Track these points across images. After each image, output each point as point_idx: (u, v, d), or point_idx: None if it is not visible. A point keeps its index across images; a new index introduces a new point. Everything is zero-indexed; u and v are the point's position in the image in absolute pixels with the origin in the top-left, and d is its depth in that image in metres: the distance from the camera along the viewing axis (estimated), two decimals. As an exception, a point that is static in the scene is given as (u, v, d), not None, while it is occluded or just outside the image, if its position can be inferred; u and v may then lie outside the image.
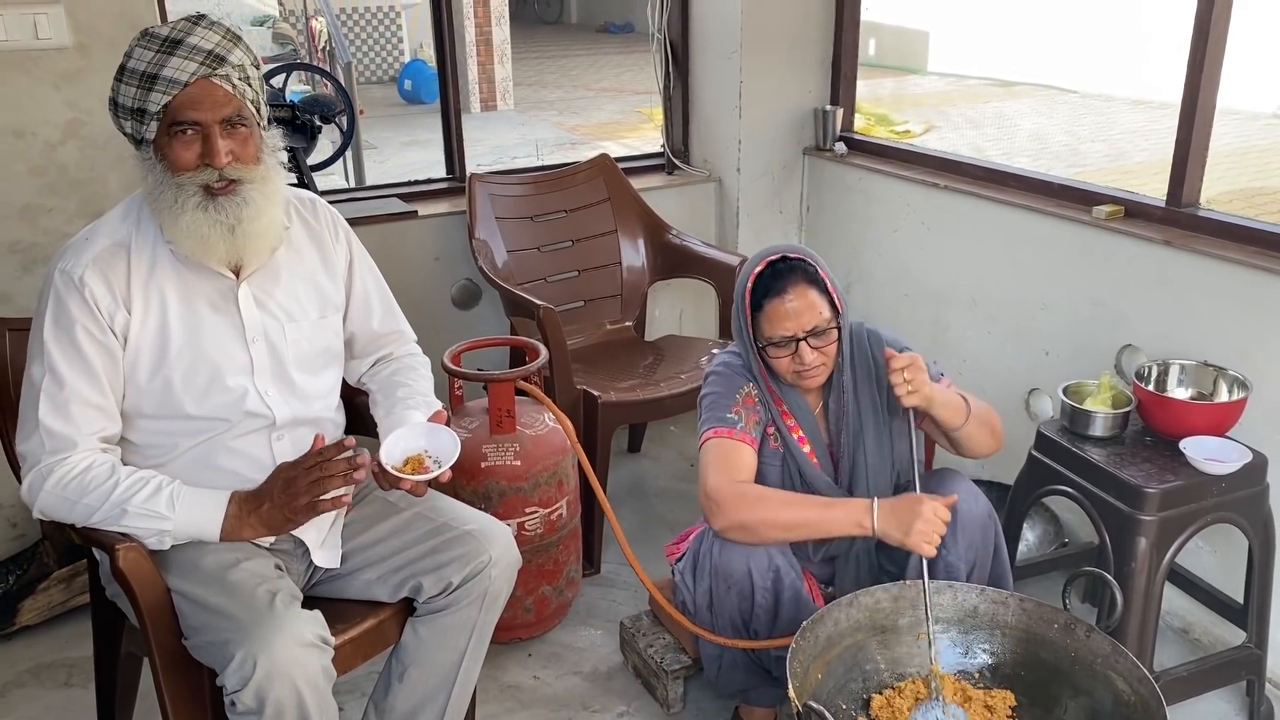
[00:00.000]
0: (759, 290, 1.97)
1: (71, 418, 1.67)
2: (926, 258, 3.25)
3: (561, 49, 16.83)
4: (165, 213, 1.67)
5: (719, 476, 1.94)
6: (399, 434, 1.81)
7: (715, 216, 3.73)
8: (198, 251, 1.69)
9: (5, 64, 2.47)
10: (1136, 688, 1.69)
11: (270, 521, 1.72)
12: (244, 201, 1.69)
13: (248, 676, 1.54)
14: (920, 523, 1.83)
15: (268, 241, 1.77)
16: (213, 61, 1.64)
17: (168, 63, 1.62)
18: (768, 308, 1.96)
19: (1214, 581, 2.48)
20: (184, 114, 1.64)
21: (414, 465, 1.77)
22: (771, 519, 1.91)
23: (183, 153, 1.66)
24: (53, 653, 2.56)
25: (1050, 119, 10.40)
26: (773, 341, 1.97)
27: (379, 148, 9.30)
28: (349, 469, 1.68)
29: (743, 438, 1.99)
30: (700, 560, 2.02)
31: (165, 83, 1.62)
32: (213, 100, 1.65)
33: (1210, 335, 2.43)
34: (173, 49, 1.62)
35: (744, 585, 1.95)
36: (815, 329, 1.95)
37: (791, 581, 1.96)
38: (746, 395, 2.03)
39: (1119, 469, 2.20)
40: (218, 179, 1.67)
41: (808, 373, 1.98)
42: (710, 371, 2.10)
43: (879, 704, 1.81)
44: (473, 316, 3.39)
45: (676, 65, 3.70)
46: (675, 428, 3.71)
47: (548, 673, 2.50)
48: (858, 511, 1.89)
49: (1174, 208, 2.56)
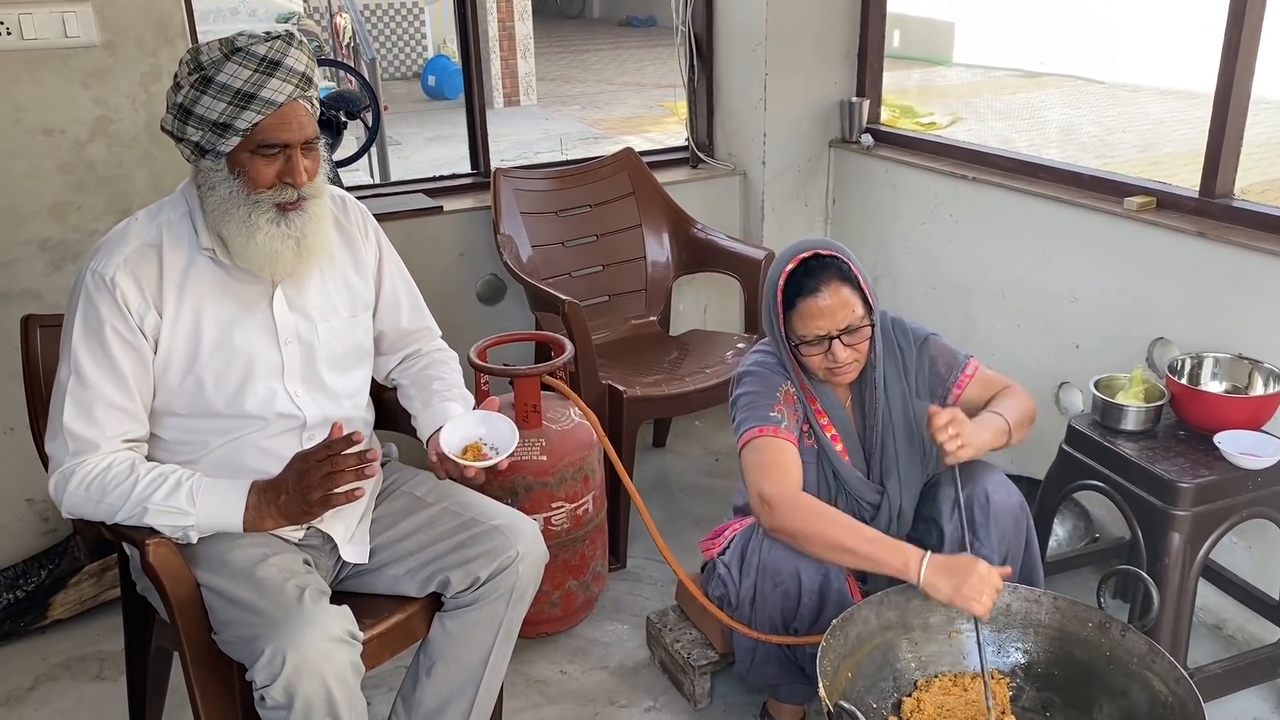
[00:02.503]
0: (791, 288, 1.95)
1: (96, 420, 1.68)
2: (955, 250, 3.22)
3: (584, 43, 16.83)
4: (234, 227, 1.68)
5: (775, 481, 1.91)
6: (456, 422, 1.82)
7: (740, 210, 3.71)
8: (266, 267, 1.70)
9: (34, 62, 2.49)
10: (1174, 688, 1.66)
11: (289, 512, 1.71)
12: (310, 217, 1.71)
13: (277, 671, 1.55)
14: (973, 581, 1.75)
15: (325, 253, 1.79)
16: (304, 84, 1.66)
17: (267, 84, 1.62)
18: (801, 306, 1.94)
19: (1248, 577, 2.45)
20: (274, 135, 1.64)
21: (473, 453, 1.78)
22: (820, 537, 1.86)
23: (265, 170, 1.66)
24: (84, 646, 2.58)
25: (1078, 110, 10.29)
26: (806, 340, 1.95)
27: (403, 143, 9.34)
28: (360, 463, 1.67)
29: (787, 436, 1.97)
30: (748, 556, 2.00)
31: (262, 103, 1.62)
32: (300, 123, 1.66)
33: (1245, 328, 2.39)
34: (272, 70, 1.62)
35: (791, 585, 1.93)
36: (849, 327, 1.93)
37: (840, 586, 1.94)
38: (786, 393, 2.02)
39: (1152, 463, 2.17)
40: (295, 197, 1.68)
41: (841, 370, 1.97)
42: (745, 371, 2.08)
43: (910, 707, 1.79)
44: (498, 312, 3.39)
45: (701, 58, 3.68)
46: (700, 423, 3.70)
47: (575, 667, 2.50)
48: (907, 556, 1.80)
49: (1207, 198, 2.52)
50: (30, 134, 2.53)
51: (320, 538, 1.87)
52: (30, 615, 2.59)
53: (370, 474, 1.69)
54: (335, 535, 1.86)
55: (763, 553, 1.95)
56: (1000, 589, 1.78)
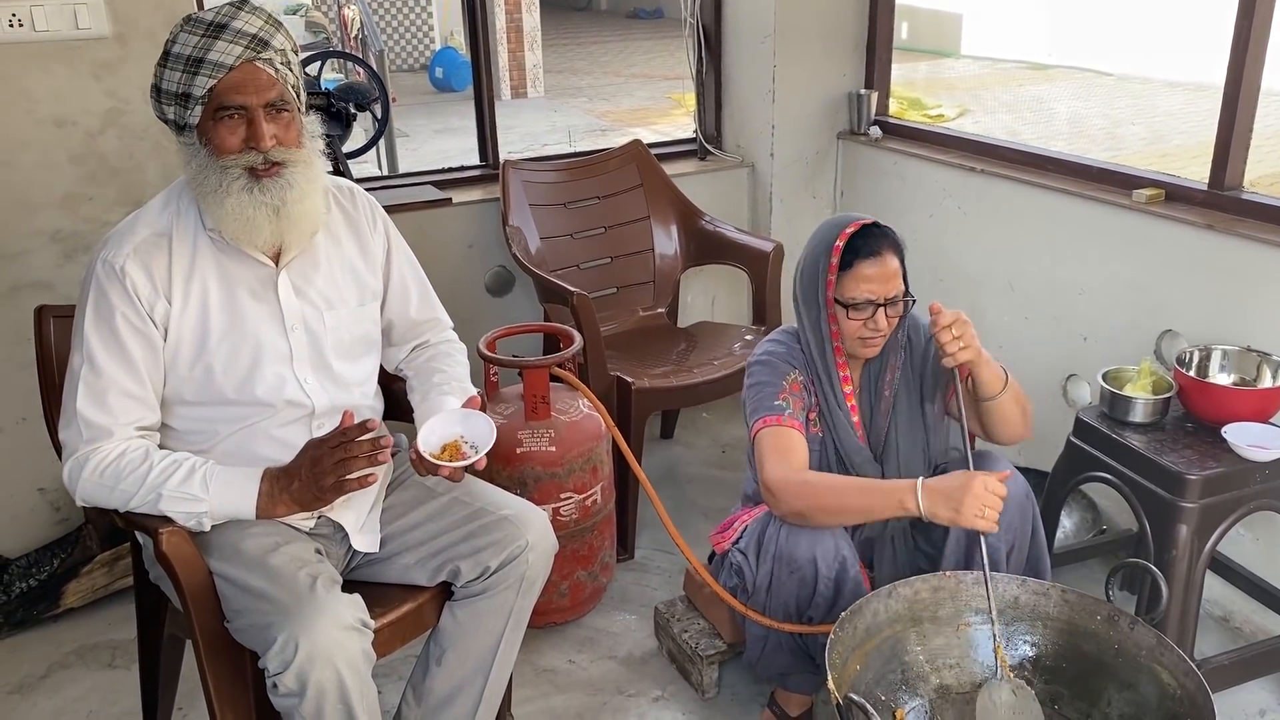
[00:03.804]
0: (850, 249, 1.96)
1: (109, 407, 1.69)
2: (963, 242, 3.22)
3: (591, 35, 16.81)
4: (209, 197, 1.69)
5: (775, 466, 1.94)
6: (435, 421, 1.81)
7: (748, 202, 3.71)
8: (242, 234, 1.71)
9: (46, 54, 2.50)
10: (1182, 681, 1.67)
11: (301, 499, 1.72)
12: (288, 184, 1.70)
13: (289, 659, 1.56)
14: (970, 499, 1.78)
15: (310, 225, 1.78)
16: (256, 45, 1.65)
17: (213, 46, 1.63)
18: (859, 267, 1.95)
19: (1256, 569, 2.46)
20: (229, 98, 1.65)
21: (451, 451, 1.77)
22: (819, 504, 1.91)
23: (228, 136, 1.67)
24: (96, 634, 2.60)
25: (1086, 102, 10.26)
26: (855, 303, 1.96)
27: (411, 136, 9.34)
28: (373, 450, 1.68)
29: (791, 423, 1.99)
30: (765, 543, 2.01)
31: (211, 66, 1.63)
32: (257, 84, 1.66)
33: (1254, 320, 2.39)
34: (218, 33, 1.63)
35: (807, 572, 1.94)
36: (894, 298, 1.96)
37: (855, 575, 1.95)
38: (792, 382, 2.04)
39: (1160, 455, 2.17)
40: (262, 161, 1.68)
41: (873, 340, 1.99)
42: (755, 361, 2.10)
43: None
44: (506, 303, 3.39)
45: (709, 50, 3.68)
46: (708, 414, 3.71)
47: (583, 657, 2.51)
48: (901, 493, 1.84)
49: (1216, 191, 2.52)
50: (42, 125, 2.54)
51: (331, 527, 1.88)
52: (43, 604, 2.61)
53: (383, 460, 1.69)
54: (346, 524, 1.87)
55: (780, 540, 1.96)
56: (1004, 495, 1.79)
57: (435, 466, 1.76)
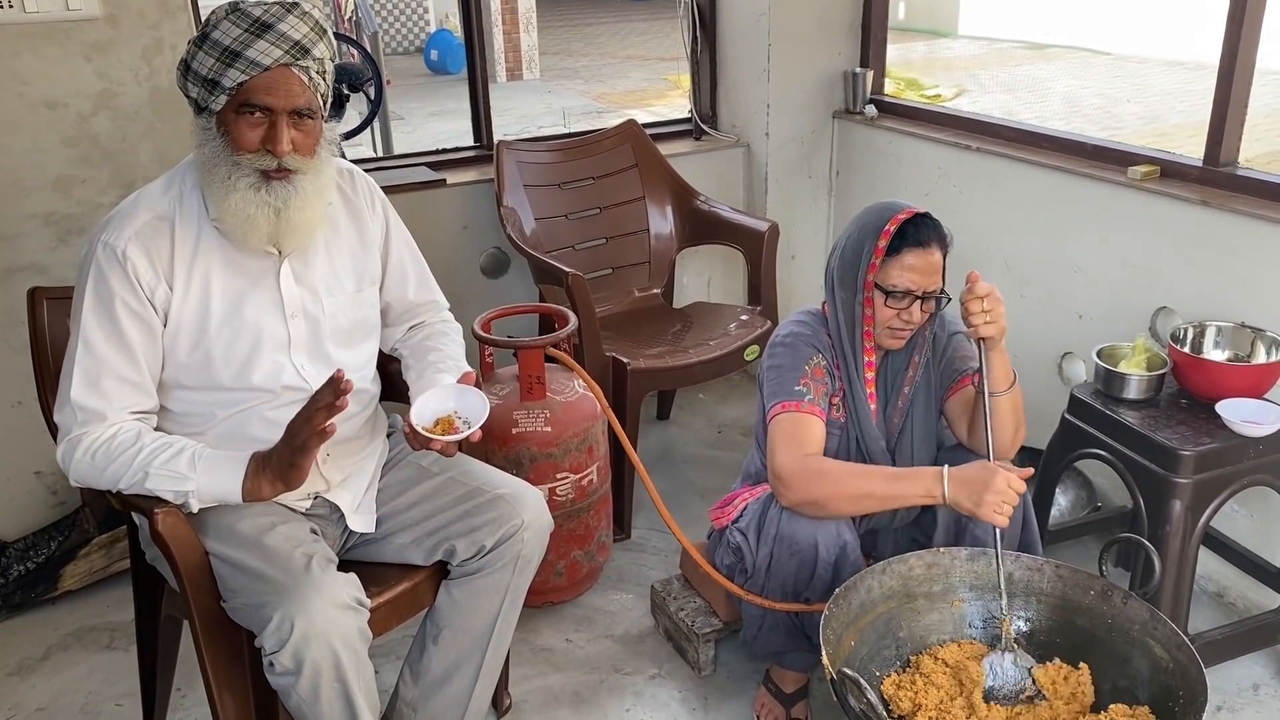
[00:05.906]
0: (899, 235, 1.94)
1: (103, 392, 1.69)
2: (959, 221, 3.20)
3: (587, 17, 16.73)
4: (216, 186, 1.67)
5: (786, 454, 1.92)
6: (428, 396, 1.81)
7: (744, 182, 3.70)
8: (241, 230, 1.69)
9: (37, 35, 2.49)
10: (1175, 654, 1.68)
11: (280, 472, 1.68)
12: (295, 191, 1.69)
13: (285, 638, 1.57)
14: (991, 494, 1.78)
15: (311, 231, 1.77)
16: (297, 52, 1.64)
17: (254, 44, 1.61)
18: (907, 255, 1.93)
19: (1249, 545, 2.46)
20: (258, 97, 1.63)
21: (444, 426, 1.77)
22: (839, 492, 1.89)
23: (247, 132, 1.65)
24: (94, 617, 2.61)
25: (1083, 82, 10.24)
26: (894, 291, 1.94)
27: (406, 118, 9.31)
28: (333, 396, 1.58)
29: (811, 409, 1.97)
30: (766, 525, 2.00)
31: (246, 62, 1.61)
32: (288, 89, 1.64)
33: (1248, 296, 2.39)
34: (262, 31, 1.61)
35: (808, 555, 1.94)
36: (931, 292, 1.96)
37: (856, 558, 1.95)
38: (815, 367, 2.01)
39: (1153, 431, 2.18)
40: (276, 166, 1.67)
41: (902, 332, 1.99)
42: (776, 342, 2.07)
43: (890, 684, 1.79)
44: (502, 285, 3.39)
45: (704, 30, 3.66)
46: (704, 395, 3.71)
47: (580, 636, 2.52)
48: (927, 480, 1.85)
49: (1211, 167, 2.51)
50: (33, 108, 2.53)
51: (328, 507, 1.88)
52: (41, 586, 2.62)
53: (343, 406, 1.60)
54: (342, 504, 1.88)
55: (781, 522, 1.96)
56: (1022, 491, 1.81)
57: (428, 440, 1.75)
